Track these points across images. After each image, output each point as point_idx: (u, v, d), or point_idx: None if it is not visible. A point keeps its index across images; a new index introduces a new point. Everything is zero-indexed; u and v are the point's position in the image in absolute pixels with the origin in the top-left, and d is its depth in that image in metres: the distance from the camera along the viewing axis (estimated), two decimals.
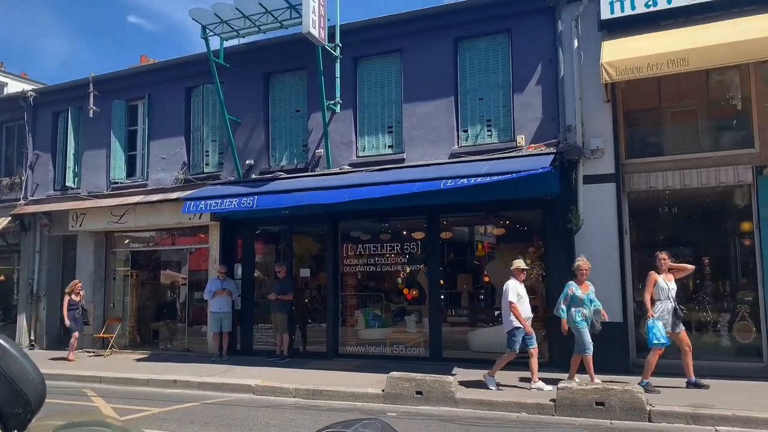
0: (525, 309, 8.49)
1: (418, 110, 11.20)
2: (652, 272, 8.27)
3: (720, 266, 10.35)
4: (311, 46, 10.89)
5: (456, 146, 10.90)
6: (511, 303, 8.31)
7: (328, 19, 11.07)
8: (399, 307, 11.87)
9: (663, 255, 8.34)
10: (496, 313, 11.11)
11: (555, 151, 9.67)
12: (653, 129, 10.38)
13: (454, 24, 11.01)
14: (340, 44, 11.52)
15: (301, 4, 10.37)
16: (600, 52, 8.96)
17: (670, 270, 8.33)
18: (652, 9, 9.20)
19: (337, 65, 11.55)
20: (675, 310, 7.98)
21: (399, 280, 11.69)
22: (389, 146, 11.65)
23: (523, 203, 10.24)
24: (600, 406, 7.01)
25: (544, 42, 10.27)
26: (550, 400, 7.37)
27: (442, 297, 11.24)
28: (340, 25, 11.58)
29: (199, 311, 13.53)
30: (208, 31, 11.59)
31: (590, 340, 8.21)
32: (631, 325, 9.49)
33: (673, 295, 8.08)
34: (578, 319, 8.28)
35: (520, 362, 8.65)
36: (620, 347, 9.32)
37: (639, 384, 7.57)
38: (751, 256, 9.44)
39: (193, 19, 11.35)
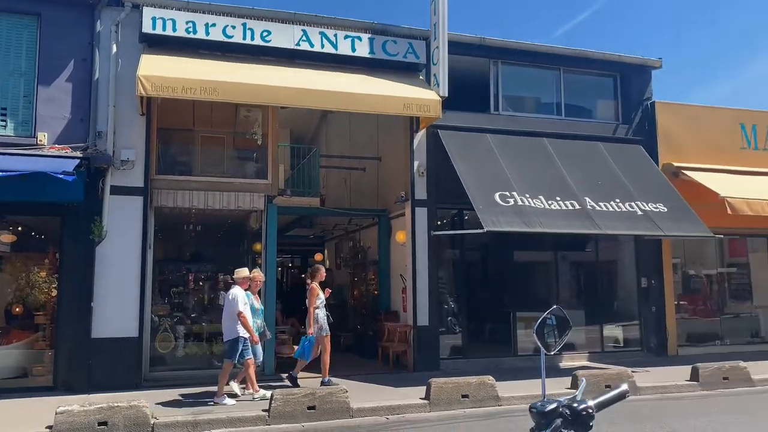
0: (250, 318, 8.38)
1: None
2: (314, 284, 9.11)
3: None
4: None
5: None
6: (241, 312, 8.11)
7: None
8: None
9: (323, 269, 9.55)
10: None
11: (82, 156, 9.02)
12: (185, 149, 10.89)
13: None
14: None
15: None
16: (138, 64, 8.88)
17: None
18: (192, 36, 9.70)
19: None
20: (328, 316, 9.18)
21: None
22: None
23: (39, 208, 9.15)
24: (103, 426, 6.72)
25: (80, 38, 9.53)
26: (46, 427, 6.67)
27: None
28: None
29: None
30: None
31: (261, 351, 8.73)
32: (146, 339, 9.50)
33: (324, 304, 9.20)
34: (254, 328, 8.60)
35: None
36: (134, 362, 9.20)
37: (321, 382, 8.74)
38: None
39: None
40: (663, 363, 11.28)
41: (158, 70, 8.77)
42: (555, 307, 2.25)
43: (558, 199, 10.57)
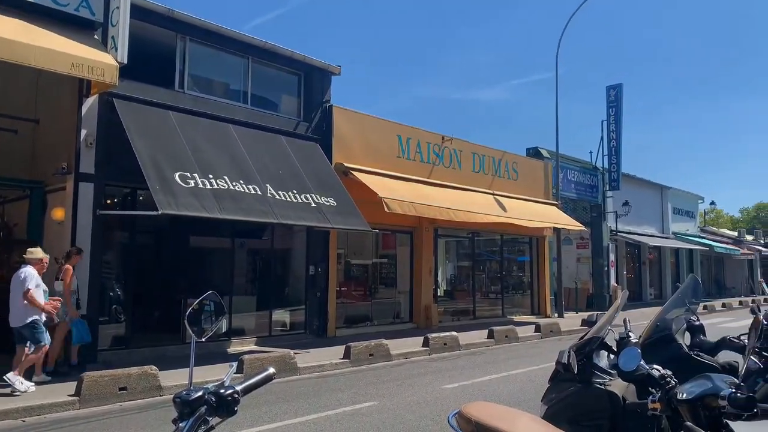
0: (41, 300, 7.85)
1: None
2: (69, 266, 8.69)
3: None
4: None
5: None
6: (28, 291, 7.58)
7: None
8: None
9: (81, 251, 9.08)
10: None
11: None
12: None
13: None
14: None
15: None
16: None
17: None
18: None
19: None
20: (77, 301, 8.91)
21: None
22: None
23: None
24: None
25: None
26: None
27: None
28: None
29: None
30: None
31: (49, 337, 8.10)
32: None
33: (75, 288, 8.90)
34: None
35: None
36: None
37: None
38: None
39: None
40: (323, 344, 12.34)
41: None
42: (210, 292, 2.20)
43: (241, 182, 10.64)
